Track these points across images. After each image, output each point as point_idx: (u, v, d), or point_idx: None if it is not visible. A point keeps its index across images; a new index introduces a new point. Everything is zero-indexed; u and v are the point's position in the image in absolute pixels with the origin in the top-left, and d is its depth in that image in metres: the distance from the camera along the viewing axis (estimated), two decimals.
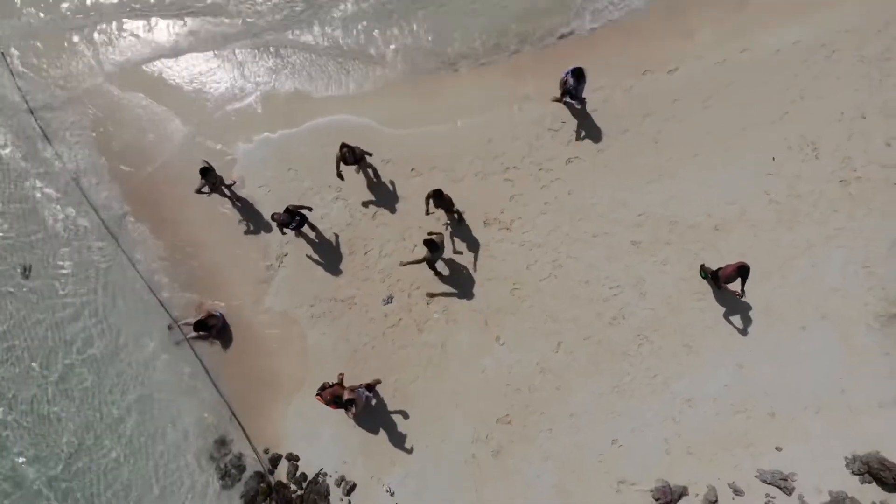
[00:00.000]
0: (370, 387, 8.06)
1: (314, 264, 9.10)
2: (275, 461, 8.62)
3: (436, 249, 7.62)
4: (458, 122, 9.23)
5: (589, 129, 8.88)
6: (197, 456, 8.77)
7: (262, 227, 9.31)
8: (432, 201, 8.05)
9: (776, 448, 7.53)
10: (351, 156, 8.21)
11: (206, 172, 8.48)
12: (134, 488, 8.76)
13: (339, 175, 8.46)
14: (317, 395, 7.86)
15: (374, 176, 9.19)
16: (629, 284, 8.28)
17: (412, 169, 9.13)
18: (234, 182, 9.30)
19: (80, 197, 9.63)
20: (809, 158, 8.31)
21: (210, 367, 8.95)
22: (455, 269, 8.75)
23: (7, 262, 9.58)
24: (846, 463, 7.39)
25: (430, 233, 8.12)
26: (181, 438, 8.82)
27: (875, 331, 7.65)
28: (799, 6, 8.92)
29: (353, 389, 7.51)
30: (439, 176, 9.02)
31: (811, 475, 7.38)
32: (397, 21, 9.70)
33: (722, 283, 7.63)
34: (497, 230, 8.78)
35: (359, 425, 8.40)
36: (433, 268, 8.38)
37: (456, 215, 8.63)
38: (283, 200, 8.88)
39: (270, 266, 9.19)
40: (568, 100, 8.70)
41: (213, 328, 8.70)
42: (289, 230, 8.56)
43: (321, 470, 8.46)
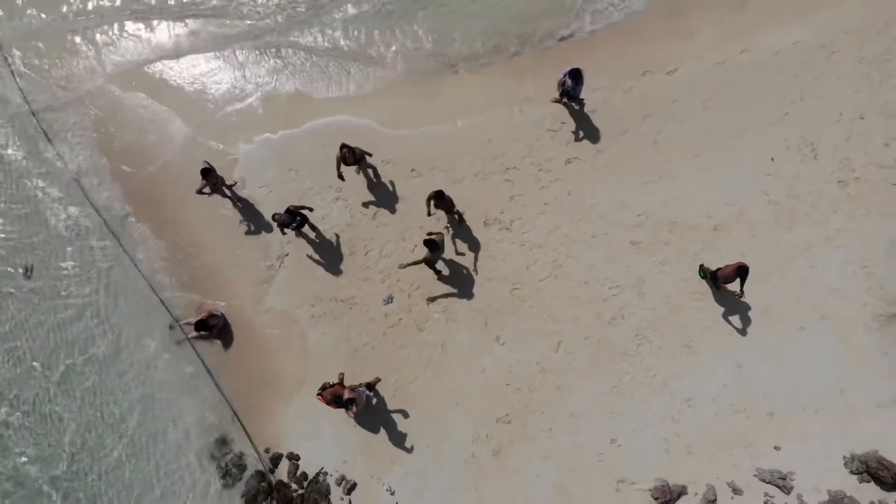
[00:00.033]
0: (370, 386, 8.10)
1: (315, 264, 9.12)
2: (276, 460, 8.66)
3: (436, 249, 7.65)
4: (458, 122, 9.24)
5: (588, 129, 8.90)
6: (198, 455, 8.80)
7: (263, 228, 9.34)
8: (433, 202, 8.07)
9: (775, 447, 7.56)
10: (351, 156, 8.23)
11: (208, 173, 8.51)
12: (136, 487, 8.79)
13: (340, 176, 8.49)
14: (318, 395, 7.88)
15: (374, 176, 9.21)
16: (629, 285, 8.30)
17: (412, 169, 9.15)
18: (235, 182, 9.32)
19: (82, 197, 9.64)
20: (808, 159, 8.33)
21: (211, 366, 8.99)
22: (455, 269, 8.77)
23: (9, 263, 9.59)
24: (845, 462, 7.42)
25: (430, 233, 8.14)
26: (182, 438, 8.85)
27: (873, 331, 7.68)
28: (798, 7, 8.92)
29: (353, 389, 7.55)
30: (439, 176, 9.04)
31: (810, 474, 7.41)
32: (397, 22, 9.71)
33: (721, 284, 7.65)
34: (497, 230, 8.80)
35: (359, 425, 8.43)
36: (433, 268, 8.40)
37: (456, 216, 8.66)
38: (283, 201, 8.90)
39: (271, 266, 9.21)
40: (567, 101, 8.72)
41: (214, 328, 8.73)
42: (289, 230, 8.59)
43: (322, 469, 8.49)
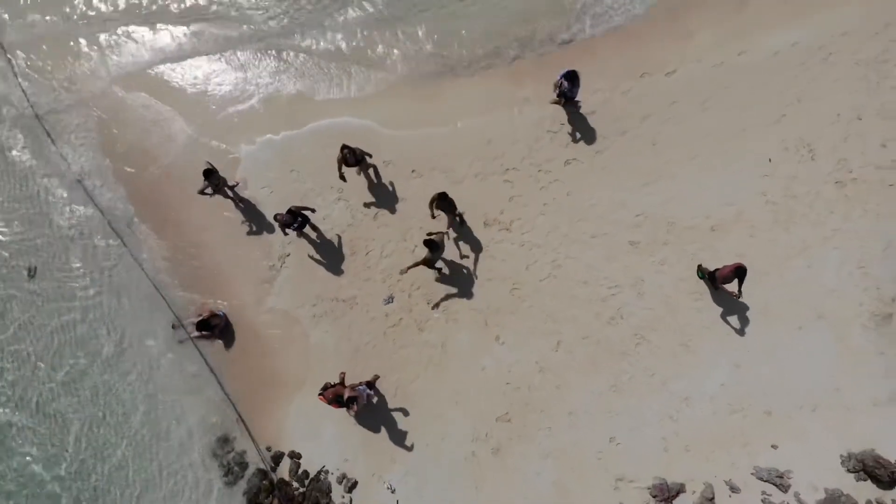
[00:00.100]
0: (370, 384, 8.16)
1: (316, 264, 9.18)
2: (277, 459, 8.71)
3: (436, 249, 7.70)
4: (459, 123, 9.30)
5: (587, 131, 8.95)
6: (201, 454, 8.87)
7: (265, 228, 9.39)
8: (436, 204, 8.08)
9: (772, 446, 7.61)
10: (352, 157, 8.27)
11: (210, 174, 8.55)
12: (139, 485, 8.86)
13: (342, 176, 8.53)
14: (319, 395, 7.94)
15: (374, 177, 9.26)
16: (627, 284, 8.35)
17: (413, 170, 9.21)
18: (237, 183, 9.38)
19: (85, 198, 9.71)
20: (806, 160, 8.38)
21: (213, 366, 9.05)
22: (455, 269, 8.83)
23: (13, 263, 9.66)
24: (842, 461, 7.47)
25: (430, 233, 8.18)
26: (185, 436, 8.92)
27: (870, 330, 7.73)
28: (796, 9, 8.97)
29: (353, 388, 7.61)
30: (439, 177, 9.09)
31: (807, 473, 7.46)
32: (398, 25, 9.77)
33: (719, 284, 7.69)
34: (497, 231, 8.85)
35: (360, 423, 8.48)
36: (433, 267, 8.45)
37: (457, 218, 8.69)
38: (285, 201, 8.96)
39: (273, 266, 9.27)
40: (564, 102, 8.78)
41: (216, 328, 8.79)
42: (291, 231, 8.63)
43: (323, 467, 8.55)
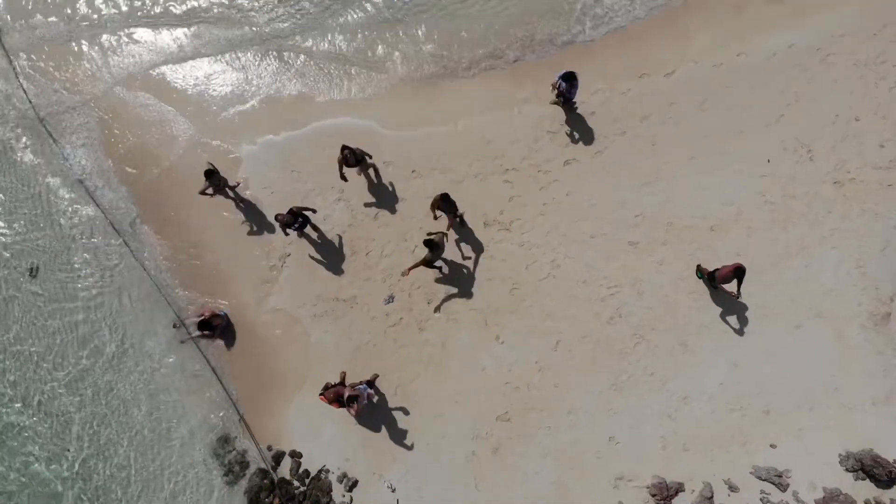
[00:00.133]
0: (371, 383, 8.19)
1: (317, 264, 9.22)
2: (278, 458, 8.75)
3: (436, 249, 7.73)
4: (459, 124, 9.33)
5: (587, 131, 8.99)
6: (202, 453, 8.90)
7: (266, 228, 9.43)
8: (438, 205, 8.05)
9: (771, 445, 7.66)
10: (353, 157, 8.29)
11: (211, 174, 8.58)
12: (141, 485, 8.88)
13: (343, 177, 8.56)
14: (320, 395, 7.98)
15: (375, 177, 9.30)
16: (627, 284, 8.39)
17: (413, 171, 9.24)
18: (238, 184, 9.42)
19: (87, 198, 9.75)
20: (804, 160, 8.43)
21: (215, 366, 9.08)
22: (455, 269, 8.87)
23: (15, 263, 9.69)
24: (840, 460, 7.51)
25: (430, 233, 8.22)
26: (187, 436, 8.95)
27: (868, 329, 7.78)
28: (795, 10, 9.02)
29: (354, 387, 7.65)
30: (439, 177, 9.13)
31: (805, 472, 7.51)
32: (399, 26, 9.81)
33: (718, 284, 7.71)
34: (496, 231, 8.89)
35: (360, 423, 8.52)
36: (433, 267, 8.47)
37: (458, 219, 8.69)
38: (286, 202, 9.00)
39: (274, 266, 9.30)
40: (563, 103, 8.82)
41: (218, 328, 8.81)
42: (292, 231, 8.66)
43: (324, 466, 8.58)
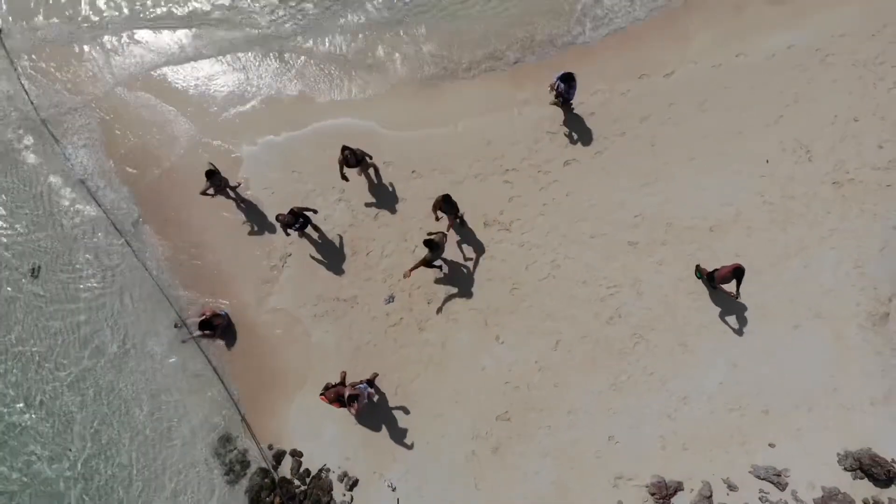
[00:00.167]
0: (370, 382, 8.22)
1: (317, 264, 9.25)
2: (279, 457, 8.78)
3: (436, 249, 7.74)
4: (459, 124, 9.36)
5: (586, 132, 9.02)
6: (203, 452, 8.93)
7: (267, 228, 9.46)
8: (442, 206, 8.05)
9: (769, 445, 7.68)
10: (353, 158, 8.32)
11: (212, 175, 8.61)
12: (142, 484, 8.92)
13: (344, 177, 8.58)
14: (321, 395, 8.02)
15: (375, 178, 9.33)
16: (626, 284, 8.42)
17: (413, 171, 9.27)
18: (239, 184, 9.46)
19: (89, 198, 9.79)
20: (803, 161, 8.45)
21: (216, 365, 9.12)
22: (455, 269, 8.90)
23: (17, 264, 9.73)
24: (838, 459, 7.53)
25: (430, 233, 8.25)
26: (188, 435, 8.98)
27: (867, 330, 7.80)
28: (795, 11, 9.05)
29: (354, 386, 7.68)
30: (440, 178, 9.16)
31: (804, 471, 7.53)
32: (399, 28, 9.84)
33: (718, 284, 7.73)
34: (496, 231, 8.92)
35: (361, 422, 8.55)
36: (433, 266, 8.49)
37: (458, 220, 8.72)
38: (287, 202, 9.04)
39: (274, 266, 9.33)
40: (562, 104, 8.85)
41: (219, 327, 8.84)
42: (293, 231, 8.69)
43: (324, 466, 8.61)
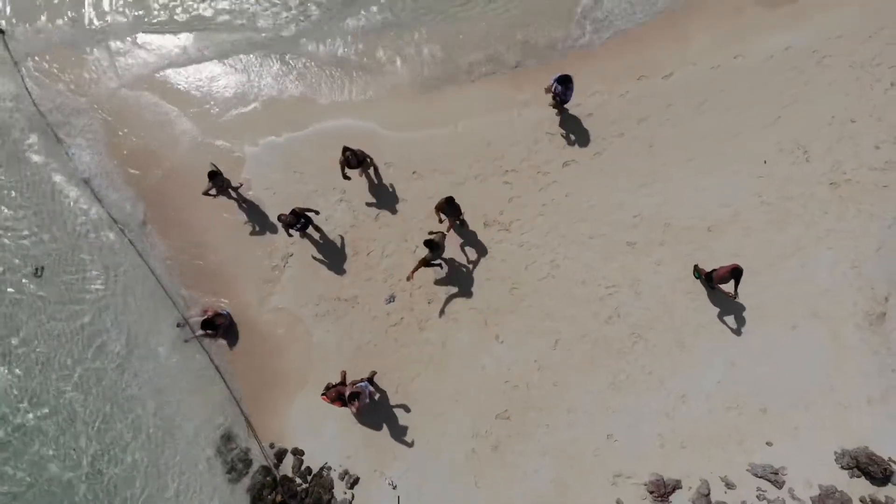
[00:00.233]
0: (370, 380, 8.26)
1: (319, 265, 9.31)
2: (280, 456, 8.83)
3: (436, 249, 7.79)
4: (459, 125, 9.42)
5: (585, 133, 9.08)
6: (205, 451, 8.98)
7: (268, 229, 9.53)
8: (444, 208, 8.06)
9: (767, 443, 7.73)
10: (354, 159, 8.38)
11: (214, 175, 8.67)
12: (144, 483, 8.97)
13: (346, 176, 8.63)
14: (322, 395, 8.09)
15: (376, 178, 9.40)
16: (625, 284, 8.47)
17: (413, 172, 9.34)
18: (241, 185, 9.52)
19: (92, 198, 9.86)
20: (800, 161, 8.51)
21: (218, 364, 9.17)
22: (455, 269, 8.96)
23: (21, 264, 9.79)
24: (835, 458, 7.58)
25: (431, 232, 8.31)
26: (191, 434, 9.03)
27: (864, 329, 7.86)
28: (792, 13, 9.11)
29: (355, 384, 7.75)
30: (440, 179, 9.23)
31: (801, 469, 7.58)
32: (401, 30, 9.91)
33: (716, 284, 7.77)
34: (496, 231, 8.98)
35: (362, 421, 8.60)
36: (433, 265, 8.53)
37: (458, 222, 8.73)
38: (288, 202, 9.11)
39: (276, 266, 9.40)
40: (561, 105, 8.91)
41: (221, 327, 8.87)
42: (294, 231, 8.73)
43: (325, 464, 8.67)
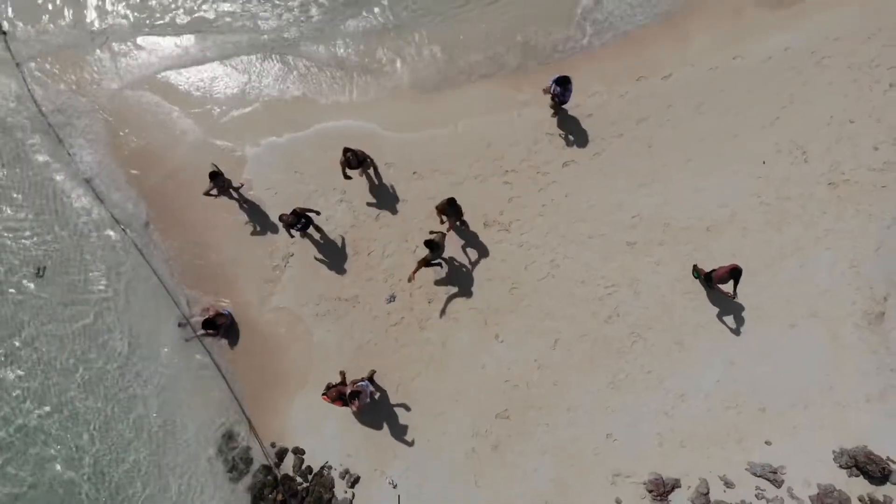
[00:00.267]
0: (370, 379, 8.31)
1: (319, 264, 9.34)
2: (281, 454, 8.87)
3: (436, 249, 7.83)
4: (459, 126, 9.45)
5: (585, 133, 9.11)
6: (207, 450, 9.02)
7: (269, 229, 9.56)
8: (446, 209, 8.07)
9: (766, 442, 7.76)
10: (355, 159, 8.40)
11: (215, 176, 8.71)
12: (146, 482, 9.01)
13: (347, 176, 8.64)
14: (322, 395, 8.12)
15: (376, 179, 9.44)
16: (624, 284, 8.51)
17: (414, 172, 9.37)
18: (242, 185, 9.55)
19: (94, 199, 9.90)
20: (799, 162, 8.54)
21: (219, 364, 9.21)
22: (455, 269, 8.99)
23: (23, 264, 9.83)
24: (834, 457, 7.61)
25: (431, 231, 8.35)
26: (192, 433, 9.07)
27: (862, 329, 7.89)
28: (791, 14, 9.14)
29: (355, 383, 7.79)
30: (440, 179, 9.26)
31: (800, 468, 7.61)
32: (401, 32, 9.94)
33: (715, 284, 7.78)
34: (496, 231, 9.02)
35: (362, 420, 8.64)
36: (433, 265, 8.55)
37: (459, 223, 8.73)
38: (289, 203, 9.16)
39: (277, 266, 9.43)
40: (559, 106, 8.95)
41: (222, 326, 8.90)
42: (295, 231, 8.75)
43: (326, 463, 8.71)
